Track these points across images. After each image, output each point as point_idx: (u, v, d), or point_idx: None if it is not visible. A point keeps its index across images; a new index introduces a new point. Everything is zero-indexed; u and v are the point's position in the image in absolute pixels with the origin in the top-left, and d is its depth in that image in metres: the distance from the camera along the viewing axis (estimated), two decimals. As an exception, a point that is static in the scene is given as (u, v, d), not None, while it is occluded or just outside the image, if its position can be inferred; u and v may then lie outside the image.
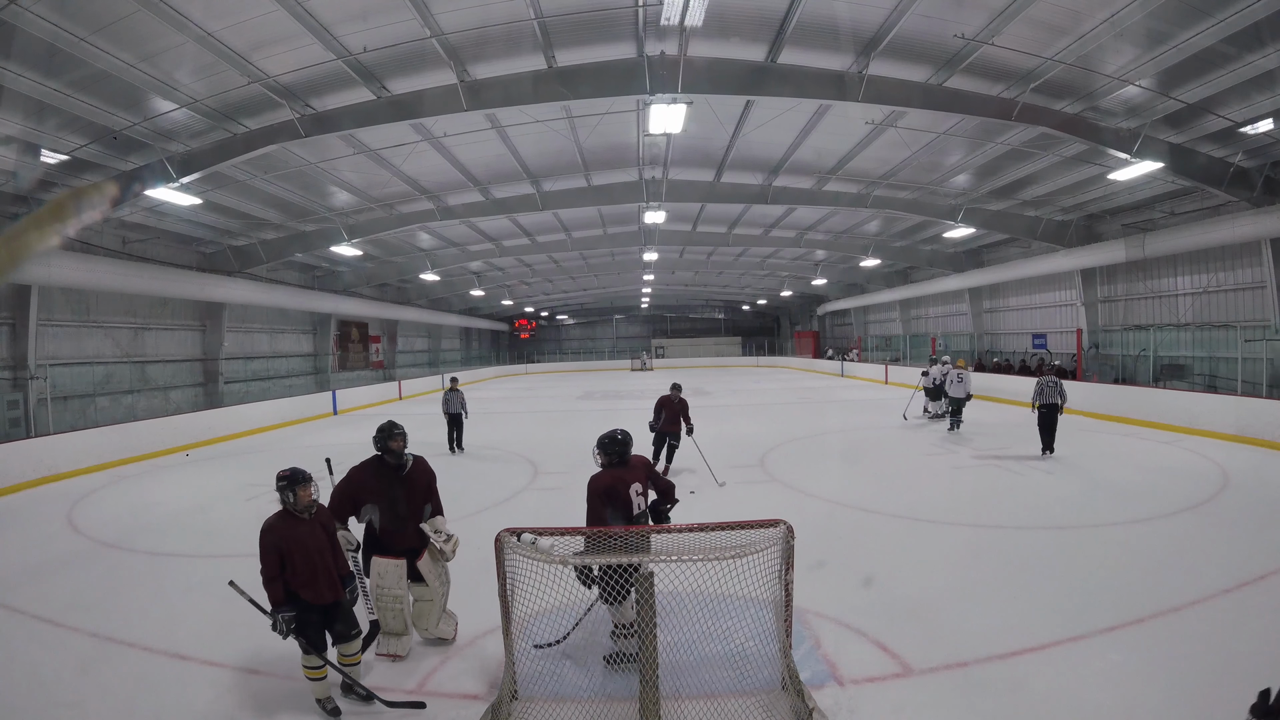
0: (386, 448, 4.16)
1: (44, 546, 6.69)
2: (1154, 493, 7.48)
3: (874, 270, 26.54)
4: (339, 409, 19.66)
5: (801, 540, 3.34)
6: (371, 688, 3.60)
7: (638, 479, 3.97)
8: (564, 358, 46.79)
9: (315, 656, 3.44)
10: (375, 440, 4.22)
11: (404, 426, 4.26)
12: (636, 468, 4.02)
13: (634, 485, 3.92)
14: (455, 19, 7.92)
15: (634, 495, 3.91)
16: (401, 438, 4.20)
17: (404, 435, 4.23)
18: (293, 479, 3.55)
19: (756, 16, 8.18)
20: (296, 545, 3.46)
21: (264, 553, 3.43)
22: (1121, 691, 3.45)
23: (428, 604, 4.11)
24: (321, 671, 3.47)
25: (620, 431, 4.08)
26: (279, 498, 3.56)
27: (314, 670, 3.47)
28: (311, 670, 3.47)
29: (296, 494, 3.53)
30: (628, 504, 3.87)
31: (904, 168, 13.73)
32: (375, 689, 3.61)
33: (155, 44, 7.63)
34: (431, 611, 4.12)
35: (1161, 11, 7.37)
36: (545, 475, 9.09)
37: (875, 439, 12.28)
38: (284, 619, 3.37)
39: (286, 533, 3.48)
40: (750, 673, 3.50)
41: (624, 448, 3.99)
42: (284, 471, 3.60)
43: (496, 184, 14.81)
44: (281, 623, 3.37)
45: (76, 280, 12.19)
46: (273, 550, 3.43)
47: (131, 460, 11.46)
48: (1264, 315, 12.76)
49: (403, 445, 4.20)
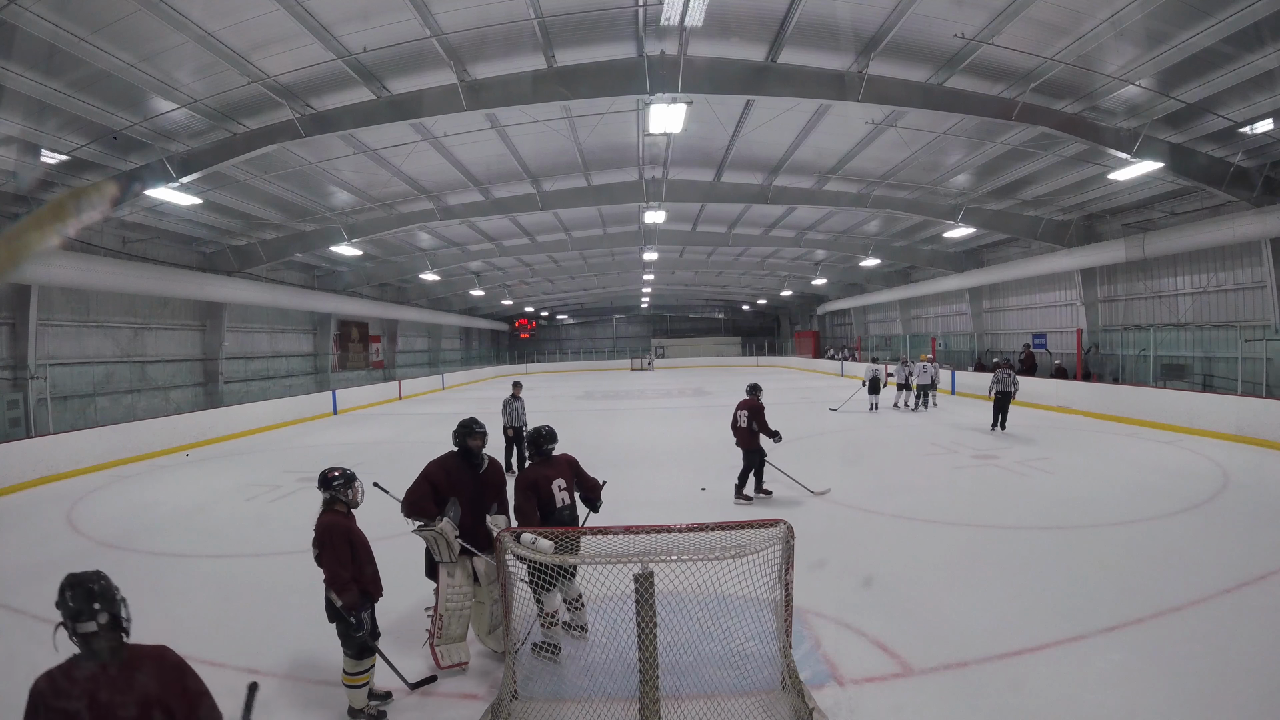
0: (466, 446, 4.10)
1: (44, 546, 6.69)
2: (1154, 493, 7.48)
3: (874, 270, 26.53)
4: (339, 409, 19.66)
5: (801, 540, 3.34)
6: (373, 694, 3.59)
7: (561, 475, 4.18)
8: (564, 357, 46.79)
9: (368, 660, 3.39)
10: (455, 436, 4.15)
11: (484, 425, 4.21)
12: (560, 464, 4.25)
13: (556, 481, 4.14)
14: (455, 19, 7.92)
15: (556, 490, 4.13)
16: (482, 436, 4.14)
17: (485, 434, 4.17)
18: (348, 476, 3.51)
19: (756, 16, 8.18)
20: (360, 541, 3.46)
21: (338, 551, 3.31)
22: (1121, 691, 3.45)
23: (479, 606, 4.02)
24: (368, 676, 3.42)
25: (546, 428, 4.31)
26: (329, 496, 3.47)
27: (362, 676, 3.40)
28: (361, 677, 3.40)
29: (354, 490, 3.52)
30: (550, 498, 4.10)
31: (904, 167, 13.73)
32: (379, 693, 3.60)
33: (155, 44, 7.63)
34: (483, 615, 4.03)
35: (1161, 11, 7.37)
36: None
37: (875, 439, 12.28)
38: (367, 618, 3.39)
39: (352, 529, 3.45)
40: (750, 673, 3.50)
41: (547, 443, 4.24)
42: (335, 471, 3.53)
43: (496, 184, 14.81)
44: (366, 623, 3.36)
45: (76, 280, 12.19)
46: (346, 546, 3.35)
47: (131, 460, 11.46)
48: (1264, 315, 12.75)
49: (482, 444, 4.15)
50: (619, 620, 3.90)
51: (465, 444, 4.11)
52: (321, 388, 21.05)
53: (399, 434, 14.58)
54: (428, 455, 4.32)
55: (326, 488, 3.48)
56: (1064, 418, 14.31)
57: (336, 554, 3.32)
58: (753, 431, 7.56)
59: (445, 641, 3.82)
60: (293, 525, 7.38)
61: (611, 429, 14.83)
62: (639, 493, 8.02)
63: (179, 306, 16.46)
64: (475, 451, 4.12)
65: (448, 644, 3.83)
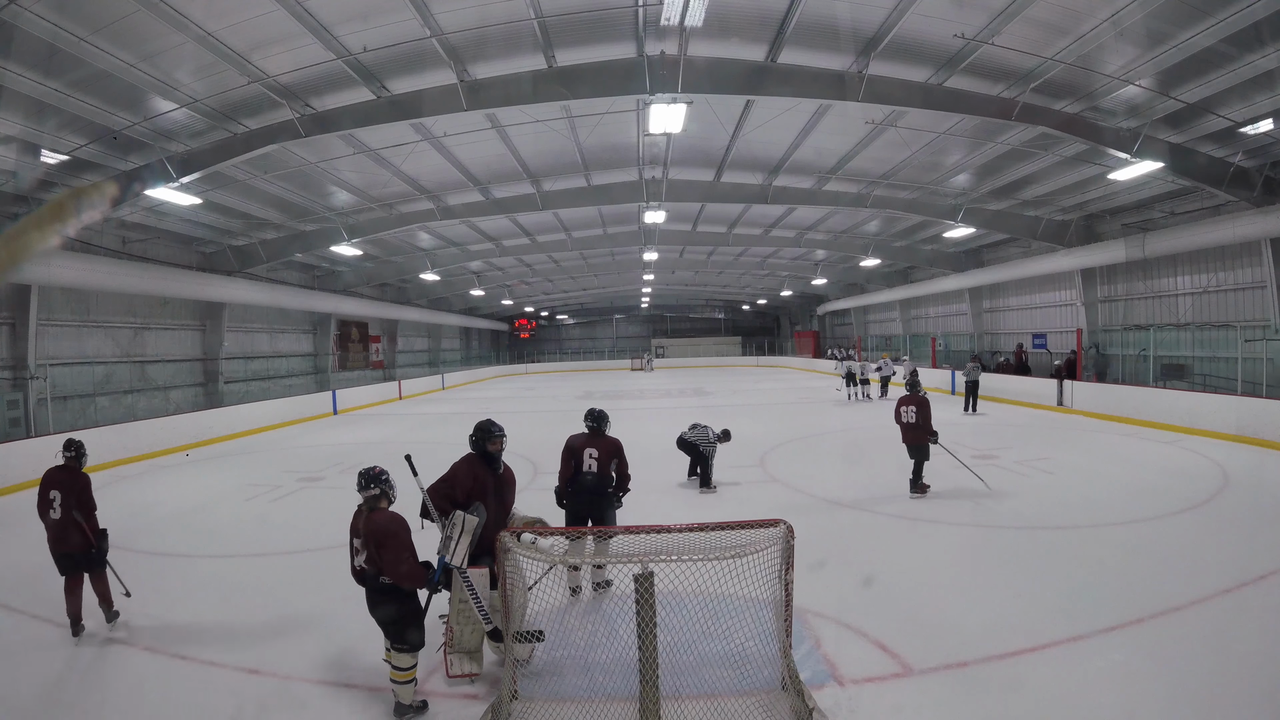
0: (485, 450, 4.06)
1: (44, 547, 6.65)
2: (1154, 493, 7.48)
3: (874, 270, 26.52)
4: (339, 409, 19.66)
5: (801, 540, 3.34)
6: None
7: (598, 448, 4.99)
8: (564, 358, 46.78)
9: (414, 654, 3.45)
10: (473, 439, 4.11)
11: (504, 429, 4.18)
12: (603, 442, 5.03)
13: (589, 450, 4.98)
14: (455, 19, 7.91)
15: (587, 457, 4.96)
16: (500, 440, 4.12)
17: (504, 437, 4.15)
18: (387, 475, 3.63)
19: (756, 16, 8.18)
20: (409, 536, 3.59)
21: (404, 540, 3.44)
22: (1121, 691, 3.45)
23: (496, 614, 3.84)
24: (414, 672, 3.45)
25: (599, 410, 5.25)
26: (374, 494, 3.54)
27: (409, 672, 3.43)
28: (409, 673, 3.43)
29: (394, 488, 3.67)
30: (580, 463, 4.96)
31: (904, 167, 13.72)
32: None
33: (155, 44, 7.62)
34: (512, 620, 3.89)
35: (1161, 11, 7.36)
36: (545, 475, 9.09)
37: (875, 439, 12.27)
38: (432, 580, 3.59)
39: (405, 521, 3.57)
40: (750, 673, 3.50)
41: (598, 421, 5.16)
42: (378, 469, 3.63)
43: (496, 184, 14.80)
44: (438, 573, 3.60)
45: (76, 280, 12.19)
46: (409, 534, 3.48)
47: (131, 460, 11.47)
48: (1264, 315, 12.75)
49: (500, 448, 4.12)
50: (619, 620, 3.91)
51: (484, 448, 4.07)
52: (321, 388, 21.06)
53: (399, 434, 14.59)
54: (428, 455, 4.32)
55: (376, 484, 3.55)
56: (1064, 418, 14.32)
57: (402, 543, 3.41)
58: (918, 426, 7.64)
59: (457, 650, 3.74)
60: (293, 525, 7.39)
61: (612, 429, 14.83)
62: (639, 492, 8.01)
63: (179, 306, 16.46)
64: (495, 456, 4.08)
65: (459, 653, 3.75)
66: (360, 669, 3.89)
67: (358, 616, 4.63)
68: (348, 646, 4.19)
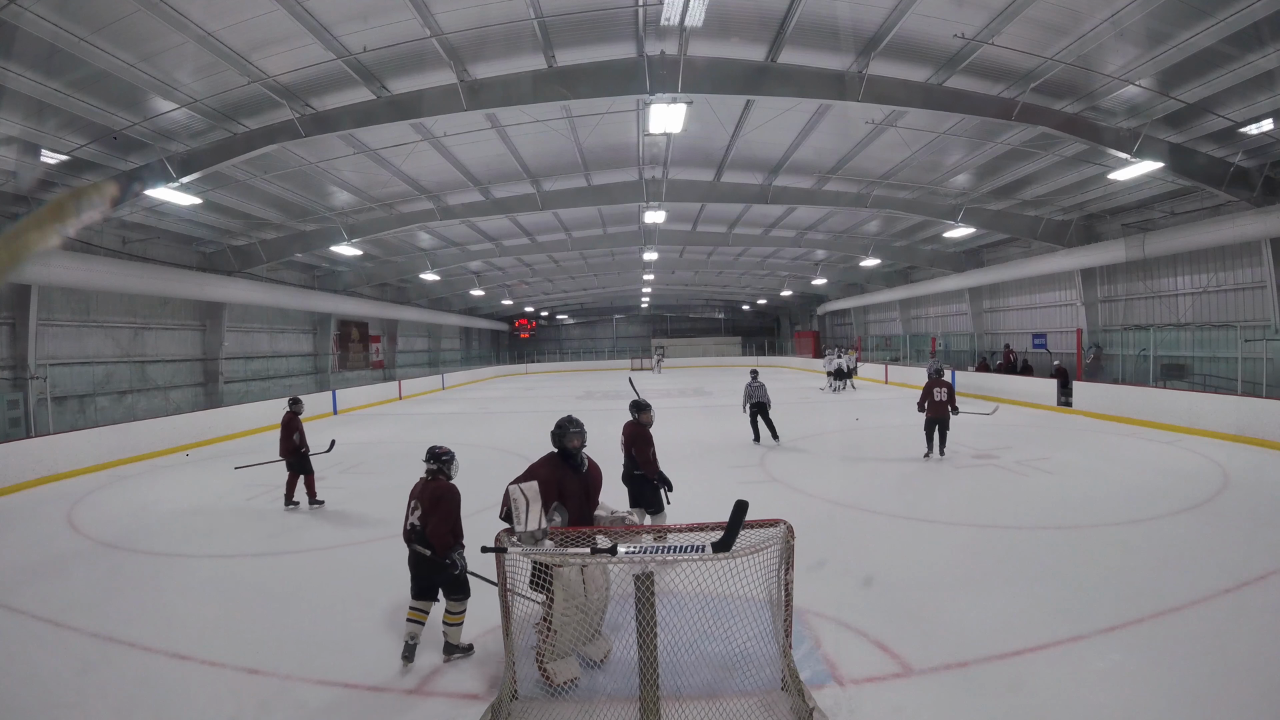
0: (564, 447, 4.01)
1: (44, 546, 6.69)
2: (1154, 493, 7.48)
3: (874, 270, 26.52)
4: (339, 409, 19.67)
5: (801, 540, 3.34)
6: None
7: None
8: (564, 358, 46.76)
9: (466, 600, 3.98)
10: (554, 437, 4.05)
11: (582, 424, 4.11)
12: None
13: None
14: (455, 19, 7.91)
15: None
16: (579, 435, 4.04)
17: (582, 434, 4.07)
18: (452, 454, 4.15)
19: (756, 16, 8.18)
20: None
21: (454, 509, 3.98)
22: (1121, 691, 3.45)
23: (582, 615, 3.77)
24: (463, 615, 3.98)
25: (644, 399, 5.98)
26: (436, 468, 4.07)
27: (460, 615, 3.98)
28: (459, 616, 3.98)
29: (455, 466, 4.16)
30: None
31: (904, 167, 13.72)
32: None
33: (155, 44, 7.62)
34: (585, 624, 3.80)
35: (1161, 11, 7.36)
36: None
37: (875, 439, 12.27)
38: (460, 558, 3.96)
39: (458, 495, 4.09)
40: (750, 673, 3.50)
41: (644, 411, 5.97)
42: (443, 449, 4.13)
43: (496, 184, 14.80)
44: (460, 561, 3.95)
45: (76, 280, 12.18)
46: (459, 507, 4.03)
47: (131, 460, 11.46)
48: (1264, 315, 12.75)
49: (580, 444, 4.05)
50: (619, 620, 3.91)
51: (564, 445, 4.01)
52: (321, 388, 21.04)
53: (399, 434, 14.59)
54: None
55: (436, 461, 4.08)
56: (1064, 418, 14.32)
57: (451, 511, 3.94)
58: (947, 403, 9.71)
59: (553, 657, 3.62)
60: (293, 525, 7.39)
61: (613, 429, 14.85)
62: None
63: (179, 306, 16.46)
64: (575, 452, 4.01)
65: (556, 659, 3.63)
66: (360, 669, 3.89)
67: (358, 616, 4.66)
68: (348, 646, 4.19)
